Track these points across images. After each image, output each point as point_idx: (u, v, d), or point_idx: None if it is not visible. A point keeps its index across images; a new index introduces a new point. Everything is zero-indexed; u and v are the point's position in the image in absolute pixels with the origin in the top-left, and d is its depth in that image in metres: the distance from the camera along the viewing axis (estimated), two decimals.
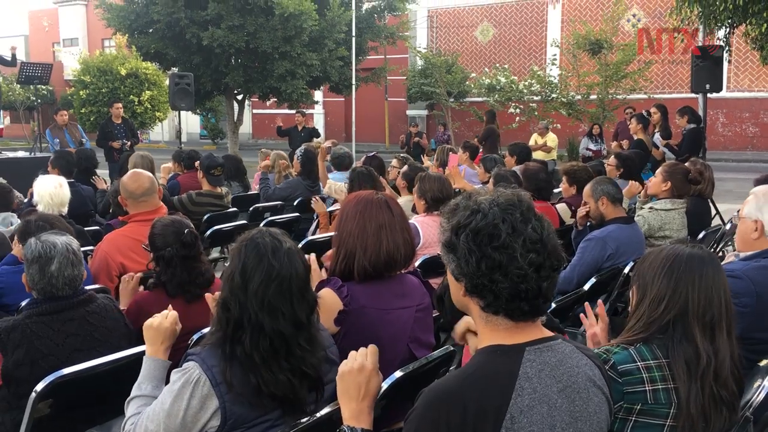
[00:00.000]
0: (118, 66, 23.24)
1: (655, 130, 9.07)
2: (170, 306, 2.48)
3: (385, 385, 2.26)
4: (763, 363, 2.61)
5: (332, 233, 2.72)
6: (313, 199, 5.71)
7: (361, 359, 1.81)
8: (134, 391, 2.23)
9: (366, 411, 1.77)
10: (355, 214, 2.59)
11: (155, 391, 2.17)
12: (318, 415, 2.05)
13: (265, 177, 7.37)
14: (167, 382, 2.08)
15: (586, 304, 2.63)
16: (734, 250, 3.35)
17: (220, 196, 6.14)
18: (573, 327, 4.15)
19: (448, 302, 2.78)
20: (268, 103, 20.66)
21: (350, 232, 2.56)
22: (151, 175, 4.28)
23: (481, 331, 1.63)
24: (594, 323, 2.50)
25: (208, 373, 1.96)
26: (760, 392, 2.40)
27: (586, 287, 3.92)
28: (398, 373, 2.35)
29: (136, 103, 22.85)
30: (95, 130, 15.68)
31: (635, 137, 9.00)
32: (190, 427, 1.99)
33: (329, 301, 2.50)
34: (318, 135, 14.14)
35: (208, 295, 2.51)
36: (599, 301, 3.60)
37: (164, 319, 2.33)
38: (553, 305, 3.46)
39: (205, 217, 5.77)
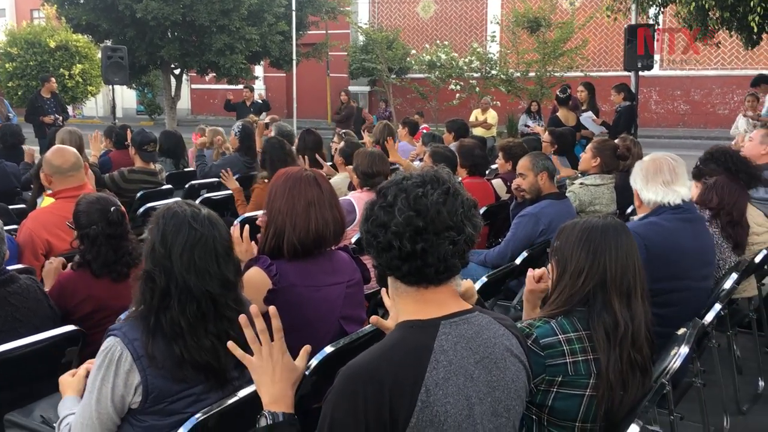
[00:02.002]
0: (47, 38, 22.26)
1: (583, 108, 9.21)
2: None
3: (315, 362, 2.28)
4: (680, 332, 2.72)
5: (258, 212, 2.70)
6: (222, 172, 5.68)
7: (266, 347, 1.77)
8: (61, 414, 2.12)
9: (286, 394, 1.74)
10: (284, 191, 2.57)
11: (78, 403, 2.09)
12: (242, 393, 2.04)
13: (202, 154, 7.23)
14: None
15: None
16: None
17: (153, 172, 5.99)
18: (506, 300, 4.25)
19: None
20: (207, 78, 20.21)
21: (279, 209, 2.55)
22: (76, 151, 4.15)
23: (397, 305, 1.65)
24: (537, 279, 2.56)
25: (129, 347, 1.93)
26: (676, 359, 2.51)
27: (518, 261, 4.01)
28: (329, 349, 2.36)
29: (66, 77, 21.95)
30: (23, 105, 15.08)
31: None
32: (120, 407, 1.96)
33: (258, 280, 2.48)
34: (269, 108, 13.93)
35: None
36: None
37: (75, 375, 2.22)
38: (485, 279, 3.52)
39: (139, 194, 5.64)
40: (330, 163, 6.33)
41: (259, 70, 24.21)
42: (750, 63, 20.12)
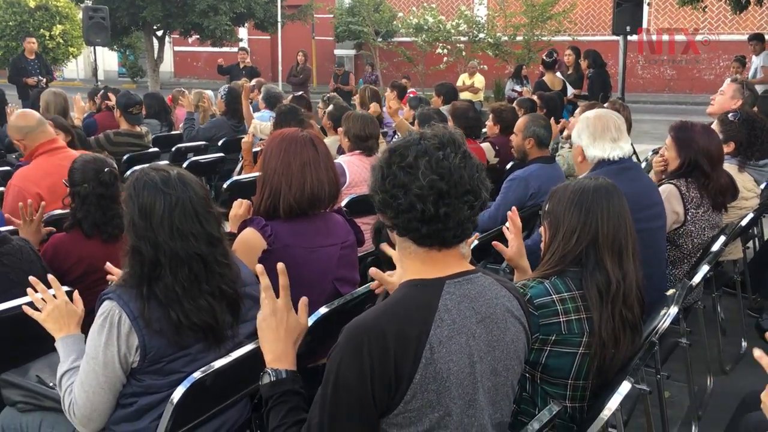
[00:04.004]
0: None
1: (569, 72, 9.23)
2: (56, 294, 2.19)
3: (310, 322, 2.28)
4: (670, 292, 2.77)
5: (257, 173, 2.68)
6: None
7: (271, 303, 1.78)
8: (60, 370, 2.11)
9: (288, 352, 1.76)
10: (280, 151, 2.56)
11: (80, 360, 2.08)
12: (239, 353, 2.06)
13: (191, 117, 7.15)
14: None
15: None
16: None
17: (139, 135, 5.93)
18: (495, 264, 4.28)
19: (385, 234, 2.83)
20: (190, 40, 19.92)
21: (275, 169, 2.54)
22: (35, 112, 4.26)
23: (403, 263, 1.66)
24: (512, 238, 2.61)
25: (125, 308, 1.93)
26: (665, 320, 2.56)
27: (508, 224, 4.02)
28: (323, 310, 2.37)
29: (47, 37, 21.48)
30: (3, 66, 14.80)
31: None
32: (126, 367, 1.98)
33: (253, 241, 2.49)
34: (258, 74, 13.76)
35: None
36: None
37: (51, 304, 2.17)
38: (476, 242, 3.53)
39: (125, 157, 5.58)
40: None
41: (243, 33, 23.87)
42: (736, 28, 20.10)
